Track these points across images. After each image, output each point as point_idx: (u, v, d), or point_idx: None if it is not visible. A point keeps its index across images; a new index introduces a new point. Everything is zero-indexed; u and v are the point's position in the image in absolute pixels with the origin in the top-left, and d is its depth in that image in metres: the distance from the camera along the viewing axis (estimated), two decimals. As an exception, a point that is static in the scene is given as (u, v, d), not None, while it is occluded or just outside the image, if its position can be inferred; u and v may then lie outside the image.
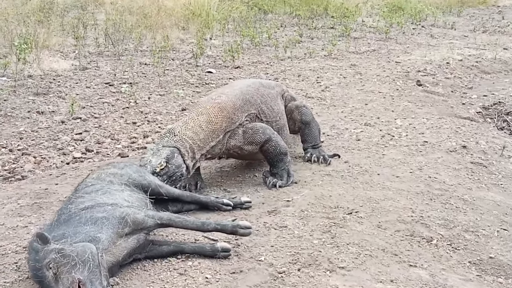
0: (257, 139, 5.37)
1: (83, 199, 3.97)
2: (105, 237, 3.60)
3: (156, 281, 3.63)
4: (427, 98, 8.95)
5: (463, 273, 4.05)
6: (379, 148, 6.42)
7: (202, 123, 5.13)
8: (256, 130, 5.40)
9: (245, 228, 4.03)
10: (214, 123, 5.19)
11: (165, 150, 4.87)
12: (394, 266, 3.97)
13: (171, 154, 4.86)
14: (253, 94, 5.67)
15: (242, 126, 5.40)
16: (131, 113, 8.08)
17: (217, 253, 3.91)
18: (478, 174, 5.85)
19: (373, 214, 4.73)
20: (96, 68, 10.42)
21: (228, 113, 5.31)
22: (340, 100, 8.74)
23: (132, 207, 3.90)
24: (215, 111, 5.25)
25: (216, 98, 5.44)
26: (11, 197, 5.25)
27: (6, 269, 3.84)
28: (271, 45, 12.75)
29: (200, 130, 5.09)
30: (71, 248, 3.36)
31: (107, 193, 4.08)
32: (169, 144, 4.91)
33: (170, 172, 4.82)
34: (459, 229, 4.62)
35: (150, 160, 4.79)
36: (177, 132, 5.00)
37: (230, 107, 5.35)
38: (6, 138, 6.99)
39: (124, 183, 4.30)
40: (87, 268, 3.28)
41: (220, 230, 4.01)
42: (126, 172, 4.42)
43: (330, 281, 3.72)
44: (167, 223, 3.93)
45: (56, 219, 3.83)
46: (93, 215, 3.72)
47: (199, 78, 9.97)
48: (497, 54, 12.32)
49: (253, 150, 5.41)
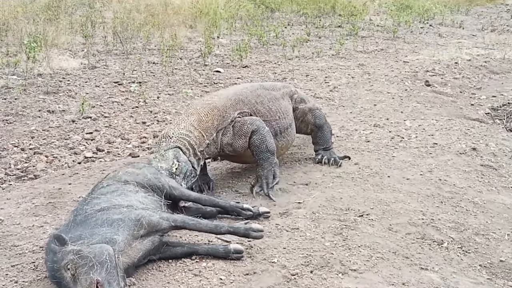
0: (244, 129, 5.34)
1: (99, 200, 4.02)
2: (121, 239, 3.64)
3: (171, 282, 3.68)
4: (436, 98, 8.97)
5: (474, 276, 4.07)
6: (388, 150, 6.44)
7: (193, 122, 5.16)
8: (244, 122, 5.40)
9: (258, 231, 4.06)
10: (205, 121, 5.22)
11: (169, 152, 4.91)
12: (405, 269, 4.00)
13: (177, 153, 4.92)
14: (247, 95, 5.69)
15: (233, 122, 5.43)
16: (140, 112, 8.12)
17: (230, 255, 3.95)
18: (488, 177, 5.87)
19: (384, 216, 4.77)
20: (105, 66, 10.46)
21: (218, 111, 5.33)
22: (349, 100, 8.77)
23: (147, 209, 3.94)
24: (205, 111, 5.28)
25: (208, 100, 5.50)
26: (26, 196, 5.30)
27: (24, 268, 3.89)
28: (278, 44, 12.77)
29: (192, 128, 5.13)
30: (89, 250, 3.41)
31: (122, 195, 4.12)
32: (169, 147, 4.95)
33: (183, 170, 4.89)
34: (470, 232, 4.65)
35: (161, 167, 4.81)
36: (171, 134, 5.04)
37: (221, 106, 5.38)
38: (18, 137, 7.04)
39: (140, 184, 4.34)
40: (104, 269, 3.33)
41: (232, 232, 4.04)
42: (143, 173, 4.46)
43: (343, 283, 3.75)
44: (181, 225, 3.98)
45: (72, 220, 3.88)
46: (109, 216, 3.77)
47: (207, 78, 10.01)
48: (506, 54, 12.33)
49: (243, 144, 5.34)
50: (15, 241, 4.31)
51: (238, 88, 5.99)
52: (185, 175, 4.91)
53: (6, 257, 4.08)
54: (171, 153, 4.91)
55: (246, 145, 5.37)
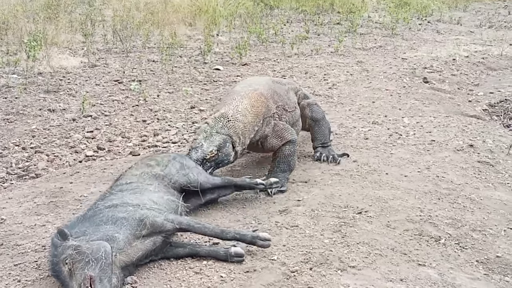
0: (285, 134, 5.50)
1: (113, 197, 4.14)
2: (121, 237, 3.71)
3: (172, 280, 3.74)
4: (434, 95, 9.01)
5: (471, 272, 4.13)
6: (387, 147, 6.49)
7: (247, 106, 5.27)
8: (286, 128, 5.56)
9: (265, 240, 4.06)
10: (256, 107, 5.34)
11: (218, 137, 5.01)
12: (403, 265, 4.06)
13: (223, 143, 5.01)
14: (275, 87, 5.85)
15: (273, 117, 5.54)
16: (140, 111, 8.17)
17: (230, 258, 3.97)
18: (485, 173, 5.92)
19: (382, 213, 4.82)
20: (105, 65, 10.49)
21: (265, 99, 5.48)
22: (348, 97, 8.81)
23: (153, 210, 3.99)
24: (255, 96, 5.41)
25: (250, 87, 5.60)
26: (27, 195, 5.35)
27: (27, 267, 3.95)
28: (278, 41, 12.79)
29: (247, 113, 5.24)
30: (87, 246, 3.50)
31: (137, 193, 4.21)
32: (223, 131, 5.04)
33: (218, 159, 5.00)
34: (467, 228, 4.71)
35: (202, 144, 4.94)
36: (230, 116, 5.13)
37: (266, 94, 5.54)
38: (18, 136, 7.09)
39: (162, 183, 4.47)
40: (99, 265, 3.41)
41: (239, 239, 4.05)
42: (169, 170, 4.59)
43: (342, 280, 3.81)
44: (186, 228, 4.02)
45: (83, 214, 3.99)
46: (115, 214, 3.85)
47: (207, 76, 10.05)
48: (503, 50, 12.35)
49: (275, 145, 5.48)
50: (18, 240, 4.37)
51: (260, 80, 6.07)
52: (217, 165, 5.03)
53: (8, 256, 4.13)
54: (219, 139, 5.01)
55: (277, 147, 5.49)
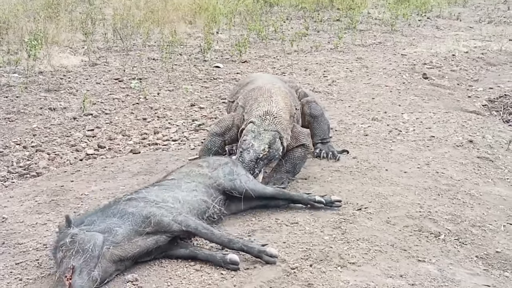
0: (300, 138, 5.54)
1: (143, 190, 4.24)
2: (121, 232, 3.76)
3: (173, 277, 3.76)
4: (433, 91, 9.02)
5: (470, 267, 4.15)
6: (386, 143, 6.51)
7: (283, 103, 5.36)
8: (303, 132, 5.65)
9: (271, 256, 3.97)
10: (288, 104, 5.43)
11: (267, 134, 5.06)
12: (403, 261, 4.08)
13: (273, 139, 5.07)
14: (287, 87, 5.88)
15: (294, 116, 5.60)
16: (141, 109, 8.19)
17: (226, 265, 3.91)
18: (485, 169, 5.94)
19: (382, 209, 4.84)
20: (105, 63, 10.51)
21: (290, 97, 5.61)
22: (347, 94, 8.82)
23: (163, 209, 4.01)
24: (283, 94, 5.50)
25: (272, 84, 5.68)
26: (28, 194, 5.37)
27: (28, 266, 3.97)
28: (277, 38, 12.80)
29: (286, 109, 5.32)
30: (82, 236, 3.58)
31: (165, 190, 4.27)
32: (270, 128, 5.09)
33: (270, 156, 5.05)
34: (466, 224, 4.73)
35: (253, 144, 4.98)
36: (275, 113, 5.19)
37: (287, 92, 5.66)
38: (19, 135, 7.12)
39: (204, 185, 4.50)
40: (83, 257, 3.47)
41: (245, 251, 4.01)
42: (217, 173, 4.62)
43: (342, 276, 3.83)
44: (193, 231, 4.01)
45: (106, 204, 4.09)
46: (125, 208, 3.93)
47: (207, 73, 10.06)
48: (502, 45, 12.35)
49: (291, 145, 5.49)
50: (19, 239, 4.40)
51: (273, 77, 6.16)
52: (269, 161, 5.09)
53: (10, 255, 4.16)
54: (268, 136, 5.06)
55: (291, 148, 5.49)
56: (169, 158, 6.24)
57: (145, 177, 5.62)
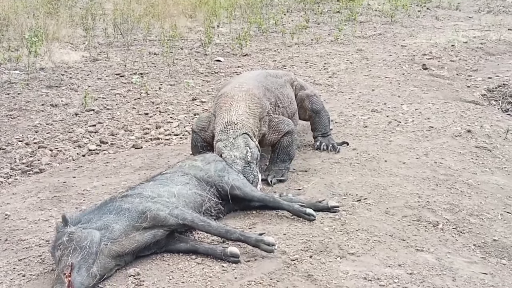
0: (281, 127, 5.49)
1: (137, 187, 4.27)
2: (118, 227, 3.80)
3: (175, 271, 3.80)
4: (433, 82, 9.05)
5: (468, 256, 4.20)
6: (386, 135, 6.55)
7: (245, 109, 5.28)
8: (282, 120, 5.56)
9: (269, 245, 3.99)
10: (253, 109, 5.35)
11: (239, 139, 5.04)
12: (401, 251, 4.13)
13: (247, 139, 5.06)
14: (267, 83, 5.85)
15: (268, 115, 5.55)
16: (142, 104, 8.24)
17: (226, 257, 3.94)
18: (483, 158, 5.98)
19: (381, 200, 4.89)
20: (106, 59, 10.57)
21: (259, 100, 5.47)
22: (347, 86, 8.86)
23: (159, 203, 4.05)
24: (249, 98, 5.40)
25: (241, 87, 5.57)
26: (31, 190, 5.43)
27: (31, 262, 4.02)
28: (278, 31, 12.83)
29: (247, 115, 5.25)
30: (79, 233, 3.64)
31: (160, 184, 4.31)
32: (237, 134, 5.06)
33: (255, 154, 5.03)
34: (464, 213, 4.77)
35: (235, 155, 4.93)
36: (235, 120, 5.15)
37: (258, 93, 5.53)
38: (22, 131, 7.18)
39: (198, 179, 4.52)
40: (81, 254, 3.53)
41: (243, 241, 4.03)
42: (208, 169, 4.63)
43: (341, 266, 3.88)
44: (190, 224, 4.04)
45: (102, 202, 4.11)
46: (121, 205, 3.96)
47: (208, 67, 10.11)
48: (501, 35, 12.35)
49: (274, 140, 5.50)
50: (22, 235, 4.45)
51: (253, 75, 6.11)
52: (256, 160, 5.06)
53: (13, 251, 4.22)
54: (241, 140, 5.03)
55: (277, 140, 5.50)
56: (171, 152, 6.30)
57: (147, 172, 5.66)
